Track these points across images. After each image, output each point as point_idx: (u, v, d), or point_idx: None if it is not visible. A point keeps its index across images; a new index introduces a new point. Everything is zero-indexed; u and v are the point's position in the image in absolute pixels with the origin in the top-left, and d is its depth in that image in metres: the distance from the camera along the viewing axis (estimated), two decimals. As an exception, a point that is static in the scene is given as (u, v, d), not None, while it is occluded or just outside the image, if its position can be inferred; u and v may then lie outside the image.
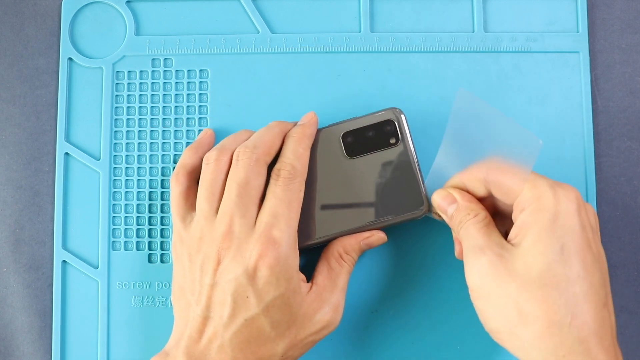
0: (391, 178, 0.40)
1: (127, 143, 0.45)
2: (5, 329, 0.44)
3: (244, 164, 0.38)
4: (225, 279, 0.36)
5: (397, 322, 0.43)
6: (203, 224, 0.38)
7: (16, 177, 0.45)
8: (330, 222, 0.40)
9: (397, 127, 0.40)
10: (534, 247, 0.33)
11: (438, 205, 0.38)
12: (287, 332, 0.37)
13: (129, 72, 0.45)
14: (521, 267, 0.33)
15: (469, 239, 0.36)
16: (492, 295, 0.34)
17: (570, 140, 0.44)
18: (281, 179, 0.38)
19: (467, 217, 0.36)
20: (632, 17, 0.46)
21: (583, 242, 0.33)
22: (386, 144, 0.40)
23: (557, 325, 0.32)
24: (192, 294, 0.37)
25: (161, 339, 0.43)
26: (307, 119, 0.41)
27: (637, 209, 0.44)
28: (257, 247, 0.36)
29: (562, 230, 0.33)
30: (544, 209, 0.34)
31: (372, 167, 0.40)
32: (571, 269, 0.33)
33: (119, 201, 0.44)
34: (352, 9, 0.46)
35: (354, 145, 0.41)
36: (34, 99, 0.45)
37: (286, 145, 0.39)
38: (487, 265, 0.34)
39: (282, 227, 0.37)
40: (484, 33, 0.45)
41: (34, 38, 0.46)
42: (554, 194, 0.34)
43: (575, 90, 0.45)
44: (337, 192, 0.40)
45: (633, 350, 0.43)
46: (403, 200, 0.40)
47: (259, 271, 0.36)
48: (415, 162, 0.40)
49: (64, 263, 0.44)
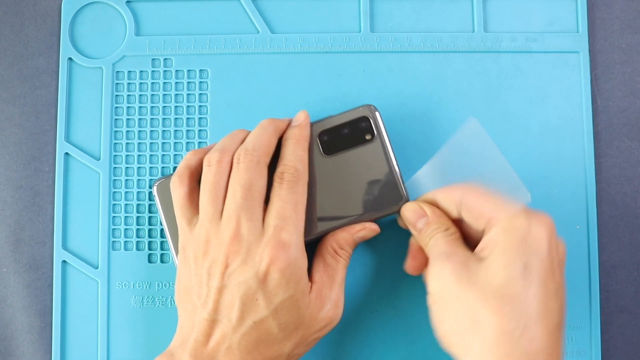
0: (368, 174, 0.40)
1: (127, 143, 0.45)
2: (5, 329, 0.44)
3: (245, 166, 0.38)
4: (234, 282, 0.36)
5: (397, 322, 0.43)
6: (208, 227, 0.37)
7: (16, 177, 0.45)
8: (313, 221, 0.40)
9: (371, 123, 0.40)
10: (498, 260, 0.34)
11: (407, 219, 0.39)
12: (295, 332, 0.37)
13: (129, 72, 0.45)
14: (483, 278, 0.34)
15: (437, 248, 0.37)
16: (450, 300, 0.35)
17: (570, 140, 0.44)
18: (285, 182, 0.38)
19: (438, 229, 0.37)
20: (632, 17, 0.46)
21: (547, 267, 0.34)
22: (362, 140, 0.40)
23: (508, 335, 0.33)
24: (199, 297, 0.37)
25: (161, 339, 0.43)
26: (300, 119, 0.41)
27: (637, 209, 0.44)
28: (267, 251, 0.36)
29: (529, 250, 0.34)
30: (515, 229, 0.34)
31: (349, 164, 0.40)
32: (530, 288, 0.33)
33: (119, 201, 0.44)
34: (352, 9, 0.46)
35: (330, 143, 0.41)
36: (34, 99, 0.45)
37: (286, 147, 0.39)
38: (451, 271, 0.35)
39: (291, 229, 0.37)
40: (484, 33, 0.45)
41: (34, 38, 0.46)
42: (527, 218, 0.35)
43: (575, 90, 0.45)
44: (318, 191, 0.40)
45: (633, 350, 0.43)
46: (382, 195, 0.40)
47: (270, 275, 0.36)
48: (392, 157, 0.40)
49: (64, 263, 0.44)
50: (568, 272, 0.42)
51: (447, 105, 0.44)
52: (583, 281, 0.43)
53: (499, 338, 0.33)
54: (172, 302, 0.43)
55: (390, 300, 0.43)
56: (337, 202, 0.40)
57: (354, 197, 0.40)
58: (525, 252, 0.34)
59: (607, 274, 0.44)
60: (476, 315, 0.33)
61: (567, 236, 0.43)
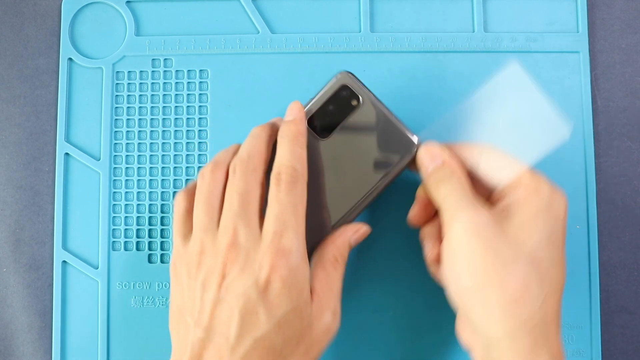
0: (371, 138, 0.39)
1: (127, 143, 0.45)
2: (5, 329, 0.44)
3: (241, 174, 0.35)
4: (232, 294, 0.33)
5: (397, 322, 0.43)
6: (203, 238, 0.35)
7: (16, 177, 0.45)
8: (339, 205, 0.39)
9: (352, 89, 0.39)
10: (529, 222, 0.34)
11: (421, 159, 0.37)
12: (297, 347, 0.34)
13: (129, 72, 0.45)
14: (515, 238, 0.33)
15: (457, 195, 0.35)
16: (478, 253, 0.33)
17: (570, 140, 0.44)
18: (283, 183, 0.35)
19: (453, 175, 0.36)
20: (632, 17, 0.46)
21: (564, 237, 0.35)
22: (350, 108, 0.39)
23: (532, 298, 0.32)
24: (192, 315, 0.34)
25: (161, 339, 0.43)
26: (294, 112, 0.38)
27: (637, 209, 0.44)
28: (267, 258, 0.33)
29: (554, 218, 0.34)
30: (542, 193, 0.34)
31: (349, 137, 0.39)
32: (553, 256, 0.34)
33: (119, 201, 0.44)
34: (352, 9, 0.46)
35: (322, 125, 0.39)
36: (34, 99, 0.45)
37: (281, 146, 0.36)
38: (483, 223, 0.33)
39: (291, 235, 0.34)
40: (484, 33, 0.45)
41: (34, 38, 0.46)
42: (550, 188, 0.35)
43: (575, 90, 0.45)
44: (327, 179, 0.39)
45: (633, 351, 0.43)
46: (392, 151, 0.39)
47: (271, 284, 0.33)
48: (387, 111, 0.39)
49: (64, 263, 0.44)
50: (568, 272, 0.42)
51: (447, 105, 0.44)
52: (583, 281, 0.43)
53: (524, 299, 0.32)
54: (172, 302, 0.43)
55: (390, 300, 0.43)
56: (349, 181, 0.39)
57: (365, 169, 0.39)
58: (552, 219, 0.34)
59: (607, 274, 0.44)
60: (506, 271, 0.32)
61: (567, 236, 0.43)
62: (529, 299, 0.32)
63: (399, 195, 0.43)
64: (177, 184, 0.44)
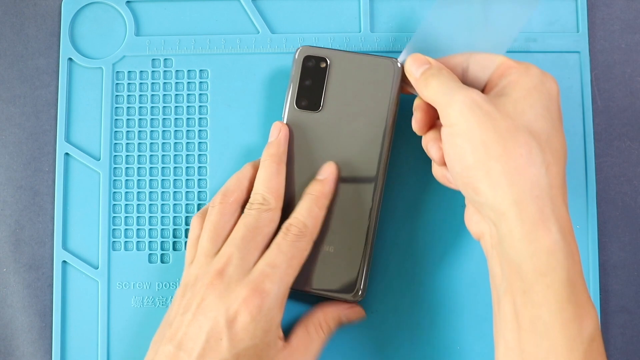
0: (357, 80, 0.41)
1: (127, 143, 0.45)
2: (5, 329, 0.44)
3: (255, 212, 0.38)
4: (204, 315, 0.35)
5: (397, 322, 0.43)
6: (202, 262, 0.38)
7: (16, 177, 0.45)
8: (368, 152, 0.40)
9: (314, 55, 0.41)
10: (524, 98, 0.34)
11: (409, 66, 0.38)
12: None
13: (129, 72, 0.45)
14: (512, 111, 0.34)
15: (448, 82, 0.36)
16: (478, 129, 0.33)
17: (570, 140, 0.44)
18: (290, 235, 0.37)
19: (441, 70, 0.37)
20: (632, 17, 0.46)
21: (560, 111, 0.35)
22: (323, 71, 0.41)
23: (536, 166, 0.33)
24: (170, 328, 0.36)
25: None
26: (327, 173, 0.40)
27: (637, 209, 0.44)
28: (243, 292, 0.35)
29: (547, 94, 0.35)
30: (533, 74, 0.35)
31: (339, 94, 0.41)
32: (552, 127, 0.34)
33: (119, 201, 0.44)
34: (352, 9, 0.46)
35: (310, 101, 0.41)
36: (34, 99, 0.45)
37: (303, 202, 0.39)
38: (478, 99, 0.34)
39: (275, 279, 0.36)
40: (484, 33, 0.45)
41: (34, 38, 0.46)
42: (540, 70, 0.36)
43: (575, 90, 0.45)
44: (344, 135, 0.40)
45: (633, 351, 0.43)
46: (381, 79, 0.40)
47: (239, 317, 0.35)
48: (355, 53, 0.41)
49: (64, 263, 0.44)
50: None
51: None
52: None
53: (529, 167, 0.33)
54: (172, 302, 0.43)
55: (390, 300, 0.43)
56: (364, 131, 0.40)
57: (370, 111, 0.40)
58: (545, 94, 0.35)
59: (607, 274, 0.44)
60: (507, 143, 0.33)
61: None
62: (532, 166, 0.33)
63: (400, 197, 0.43)
64: (177, 184, 0.44)
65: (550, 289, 0.31)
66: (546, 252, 0.32)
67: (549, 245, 0.32)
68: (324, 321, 0.39)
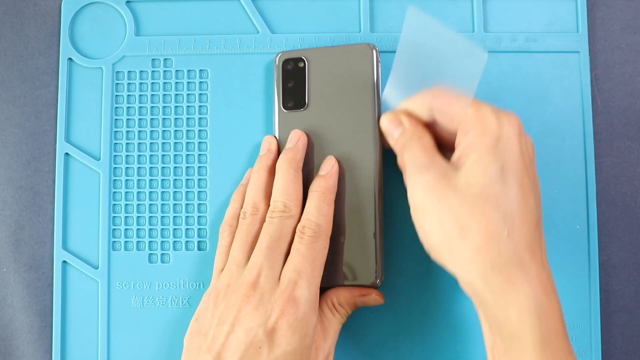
0: (337, 72, 0.41)
1: (127, 143, 0.45)
2: (5, 329, 0.44)
3: (278, 220, 0.39)
4: (242, 327, 0.36)
5: (397, 322, 0.43)
6: (233, 271, 0.38)
7: (16, 177, 0.45)
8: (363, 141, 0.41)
9: (291, 57, 0.42)
10: (476, 165, 0.35)
11: (385, 128, 0.39)
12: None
13: (129, 72, 0.45)
14: (463, 184, 0.35)
15: (413, 159, 0.37)
16: (434, 211, 0.35)
17: (570, 140, 0.44)
18: (306, 237, 0.38)
19: (412, 138, 0.37)
20: (632, 17, 0.46)
21: (521, 165, 0.35)
22: (303, 70, 0.42)
23: (495, 238, 0.33)
24: (206, 338, 0.37)
25: (161, 340, 0.43)
26: (328, 167, 0.41)
27: (637, 209, 0.44)
28: (279, 303, 0.36)
29: (503, 151, 0.35)
30: (487, 132, 0.35)
31: (322, 89, 0.42)
32: (510, 188, 0.34)
33: (119, 201, 0.44)
34: (352, 9, 0.46)
35: (296, 101, 0.42)
36: (34, 99, 0.45)
37: (310, 201, 0.40)
38: (431, 181, 0.35)
39: (304, 284, 0.37)
40: (484, 33, 0.45)
41: (34, 38, 0.46)
42: (497, 119, 0.36)
43: (575, 90, 0.45)
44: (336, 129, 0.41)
45: (633, 351, 0.43)
46: (359, 65, 0.41)
47: (278, 327, 0.36)
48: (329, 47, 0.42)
49: (64, 263, 0.44)
50: (568, 272, 0.43)
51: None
52: (583, 281, 0.43)
53: (488, 241, 0.33)
54: (173, 302, 0.43)
55: (390, 300, 0.43)
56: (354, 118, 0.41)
57: (357, 99, 0.41)
58: (500, 154, 0.35)
59: (607, 274, 0.44)
60: (462, 222, 0.34)
61: (567, 236, 0.43)
62: (492, 239, 0.33)
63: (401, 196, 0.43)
64: (177, 183, 0.44)
65: (525, 352, 0.33)
66: (517, 318, 0.33)
67: (518, 312, 0.33)
68: (337, 303, 0.40)
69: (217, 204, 0.44)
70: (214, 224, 0.44)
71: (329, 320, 0.40)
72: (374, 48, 0.41)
